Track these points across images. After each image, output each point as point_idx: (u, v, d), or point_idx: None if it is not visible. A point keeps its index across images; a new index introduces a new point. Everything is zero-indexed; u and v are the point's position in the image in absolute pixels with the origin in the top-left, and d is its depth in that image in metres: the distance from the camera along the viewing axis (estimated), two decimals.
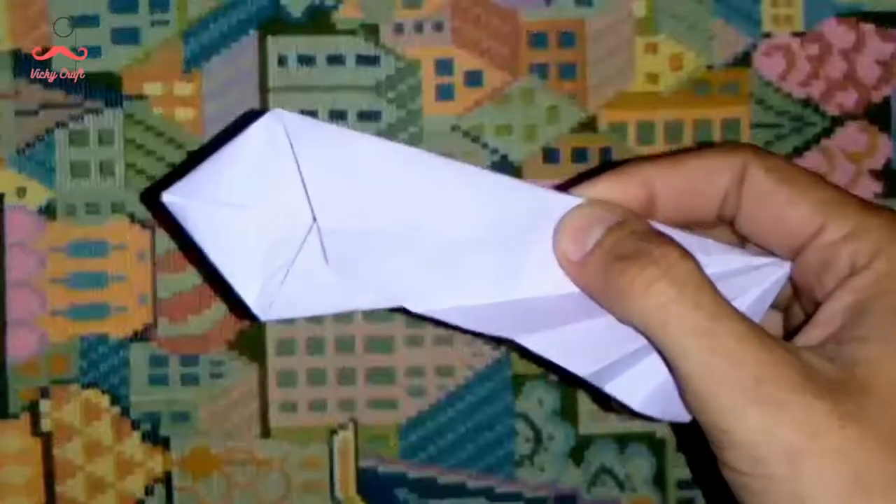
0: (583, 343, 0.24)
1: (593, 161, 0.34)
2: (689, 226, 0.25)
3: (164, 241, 0.33)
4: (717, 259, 0.24)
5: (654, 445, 0.34)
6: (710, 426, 0.22)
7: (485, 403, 0.34)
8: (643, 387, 0.24)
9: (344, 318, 0.34)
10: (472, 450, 0.34)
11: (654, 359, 0.24)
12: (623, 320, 0.23)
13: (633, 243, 0.23)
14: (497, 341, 0.33)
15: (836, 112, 0.34)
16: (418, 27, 0.34)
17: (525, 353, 0.26)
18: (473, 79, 0.34)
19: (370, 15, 0.34)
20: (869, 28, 0.34)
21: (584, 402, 0.34)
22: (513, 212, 0.24)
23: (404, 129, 0.33)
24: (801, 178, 0.24)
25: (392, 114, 0.33)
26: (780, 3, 0.34)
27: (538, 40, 0.34)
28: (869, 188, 0.34)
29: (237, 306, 0.30)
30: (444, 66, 0.34)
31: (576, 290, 0.25)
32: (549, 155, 0.34)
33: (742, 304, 0.24)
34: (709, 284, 0.22)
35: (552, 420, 0.34)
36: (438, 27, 0.34)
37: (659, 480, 0.34)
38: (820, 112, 0.34)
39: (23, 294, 0.33)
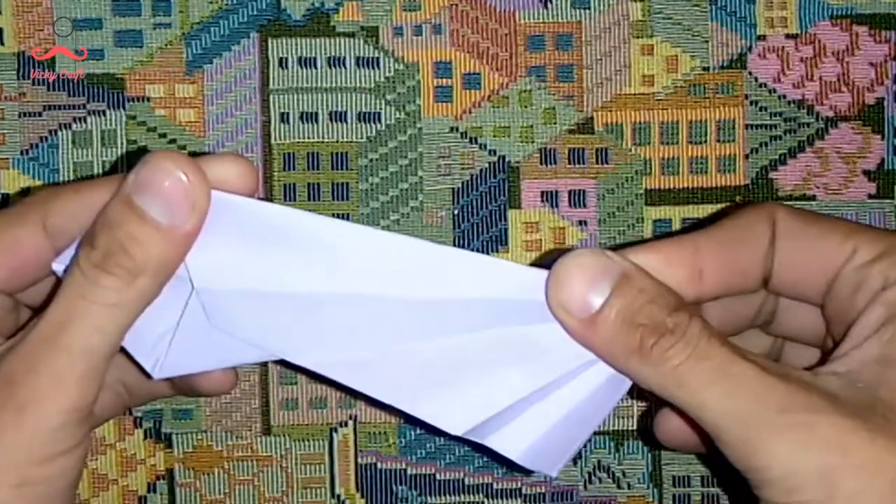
0: (459, 400, 0.24)
1: (590, 162, 0.34)
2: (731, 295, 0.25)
3: None
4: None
5: (650, 443, 0.34)
6: (745, 469, 0.22)
7: None
8: (524, 439, 0.25)
9: None
10: (470, 447, 0.34)
11: (535, 411, 0.24)
12: (636, 381, 0.24)
13: (646, 309, 0.23)
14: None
15: (829, 113, 0.34)
16: (417, 30, 0.34)
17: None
18: (472, 81, 0.34)
19: (370, 17, 0.34)
20: (862, 30, 0.34)
21: None
22: (385, 264, 0.24)
23: (403, 130, 0.34)
24: (825, 217, 0.25)
25: (391, 115, 0.34)
26: (775, 5, 0.34)
27: (535, 43, 0.34)
28: (863, 189, 0.34)
29: None
30: (442, 69, 0.34)
31: (443, 344, 0.24)
32: (546, 156, 0.34)
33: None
34: (717, 335, 0.23)
35: None
36: (437, 30, 0.34)
37: (655, 477, 0.34)
38: (814, 113, 0.34)
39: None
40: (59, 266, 0.25)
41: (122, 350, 0.24)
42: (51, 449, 0.23)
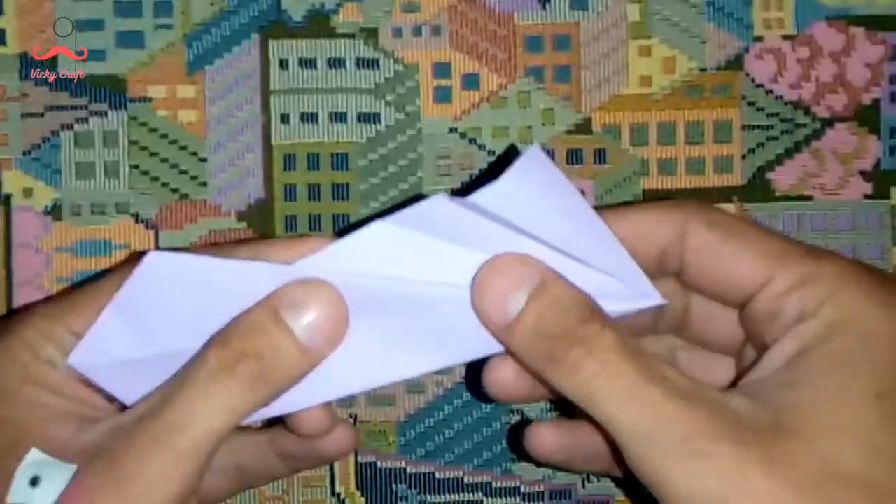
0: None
1: (588, 162, 0.34)
2: None
3: (167, 241, 0.34)
4: (606, 260, 0.24)
5: None
6: (648, 484, 0.23)
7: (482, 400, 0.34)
8: None
9: None
10: (469, 445, 0.34)
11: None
12: (557, 389, 0.24)
13: (558, 319, 0.23)
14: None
15: (826, 114, 0.34)
16: (416, 31, 0.34)
17: None
18: (470, 81, 0.34)
19: (369, 19, 0.34)
20: (859, 31, 0.34)
21: None
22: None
23: (402, 131, 0.34)
24: (746, 231, 0.25)
25: (391, 116, 0.34)
26: (772, 6, 0.34)
27: (534, 44, 0.34)
28: (859, 189, 0.34)
29: None
30: (441, 69, 0.34)
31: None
32: None
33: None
34: (631, 352, 0.23)
35: (548, 416, 0.34)
36: (436, 31, 0.34)
37: None
38: (810, 114, 0.34)
39: (29, 293, 0.33)
40: (76, 359, 0.25)
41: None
42: None
